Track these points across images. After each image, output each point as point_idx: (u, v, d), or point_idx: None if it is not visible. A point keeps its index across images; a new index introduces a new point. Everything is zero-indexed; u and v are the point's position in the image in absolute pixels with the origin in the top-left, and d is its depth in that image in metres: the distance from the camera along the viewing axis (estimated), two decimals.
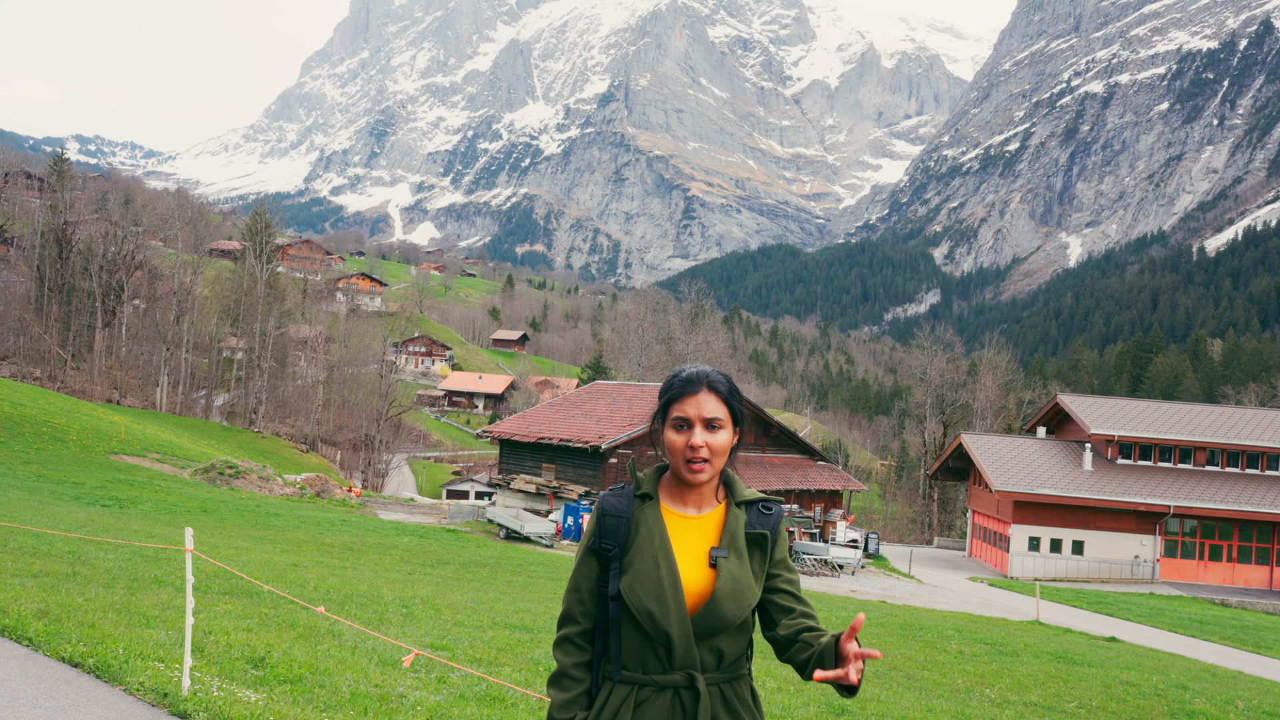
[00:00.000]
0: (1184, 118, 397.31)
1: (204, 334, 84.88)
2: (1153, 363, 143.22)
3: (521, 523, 34.38)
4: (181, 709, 5.79)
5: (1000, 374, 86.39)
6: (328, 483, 44.23)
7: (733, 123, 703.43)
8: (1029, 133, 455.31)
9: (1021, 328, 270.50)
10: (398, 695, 6.91)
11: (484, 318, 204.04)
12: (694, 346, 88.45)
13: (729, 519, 2.88)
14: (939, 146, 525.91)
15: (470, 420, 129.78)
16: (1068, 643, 20.03)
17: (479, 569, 22.74)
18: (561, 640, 2.88)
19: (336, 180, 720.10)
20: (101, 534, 16.82)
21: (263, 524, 26.62)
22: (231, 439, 66.42)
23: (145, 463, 39.00)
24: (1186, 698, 13.32)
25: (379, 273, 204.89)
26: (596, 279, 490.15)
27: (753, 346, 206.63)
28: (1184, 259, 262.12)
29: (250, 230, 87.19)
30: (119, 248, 75.03)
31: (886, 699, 10.42)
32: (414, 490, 78.72)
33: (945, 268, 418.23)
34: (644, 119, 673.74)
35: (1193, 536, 44.08)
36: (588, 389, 49.62)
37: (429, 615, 12.60)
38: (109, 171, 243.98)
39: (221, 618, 9.43)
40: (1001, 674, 13.93)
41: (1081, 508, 43.74)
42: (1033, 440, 50.76)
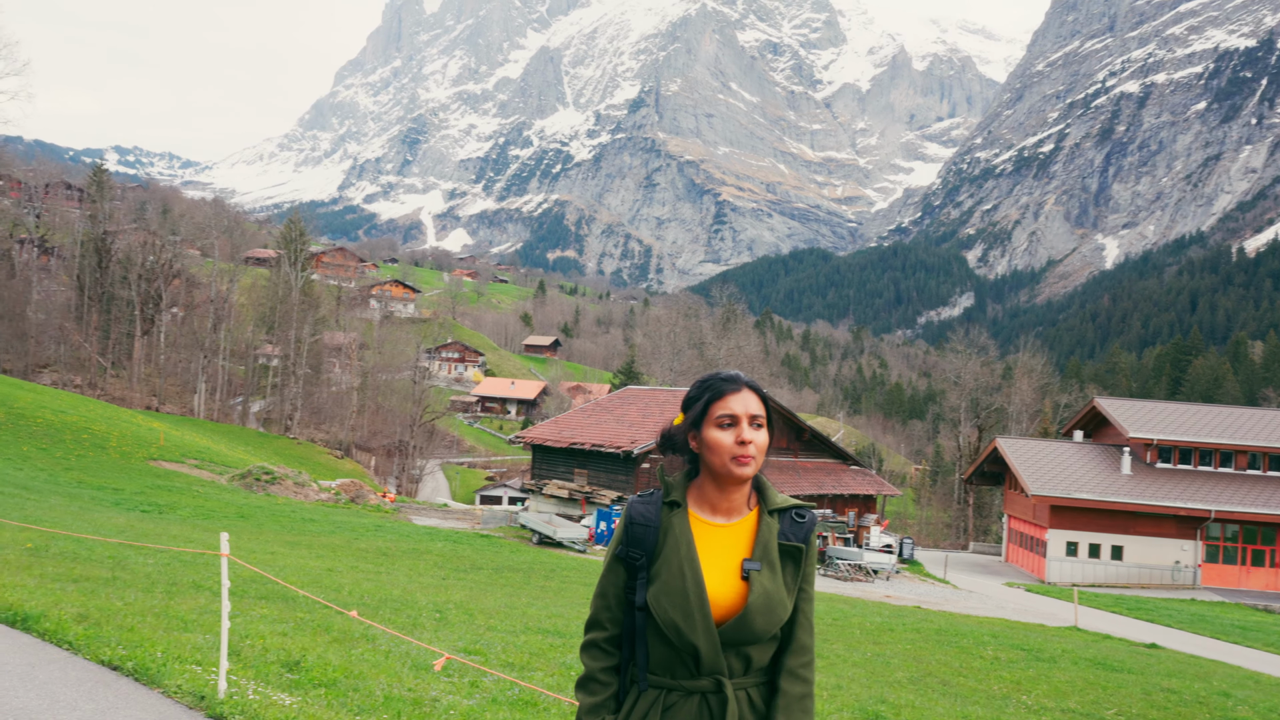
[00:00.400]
0: (1222, 117, 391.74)
1: (240, 341, 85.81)
2: (1192, 365, 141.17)
3: (554, 528, 34.43)
4: (218, 711, 5.85)
5: (1035, 377, 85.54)
6: (362, 488, 44.53)
7: (763, 127, 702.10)
8: (1063, 134, 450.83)
9: (1057, 330, 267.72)
10: (430, 699, 6.94)
11: (516, 324, 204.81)
12: (726, 351, 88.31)
13: (761, 528, 2.84)
14: (972, 149, 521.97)
15: (503, 426, 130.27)
16: (1107, 649, 19.77)
17: (512, 574, 22.79)
18: (589, 645, 2.88)
19: (370, 188, 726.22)
20: (141, 539, 17.03)
21: (298, 529, 26.85)
22: (267, 445, 67.08)
23: (183, 469, 39.47)
24: (1229, 705, 13.10)
25: (412, 279, 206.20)
26: (628, 284, 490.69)
27: (785, 351, 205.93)
28: (1223, 260, 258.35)
29: (285, 238, 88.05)
30: (157, 257, 76.10)
31: (921, 705, 10.33)
32: (448, 496, 79.11)
33: (979, 270, 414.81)
34: (674, 124, 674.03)
35: (1235, 541, 43.38)
36: (620, 394, 49.65)
37: (462, 620, 12.64)
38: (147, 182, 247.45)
39: (257, 622, 9.51)
40: (1039, 680, 13.76)
41: (1120, 512, 43.17)
42: (1069, 444, 50.18)
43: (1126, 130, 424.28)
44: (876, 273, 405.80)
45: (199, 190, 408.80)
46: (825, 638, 16.28)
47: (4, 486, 24.23)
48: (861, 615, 20.92)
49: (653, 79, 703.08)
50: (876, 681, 11.86)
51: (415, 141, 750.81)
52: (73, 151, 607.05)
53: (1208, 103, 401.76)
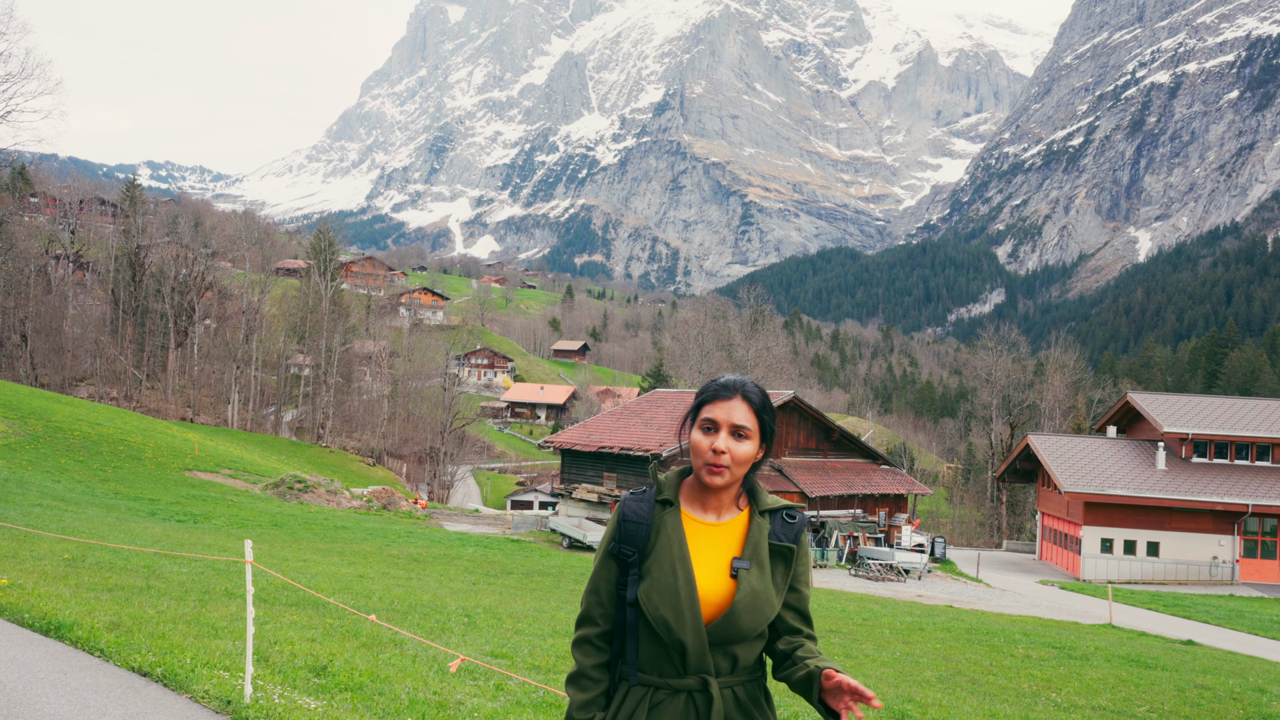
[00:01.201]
0: (1255, 105, 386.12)
1: (272, 351, 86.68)
2: (1228, 358, 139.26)
3: (584, 532, 34.55)
4: (243, 715, 5.97)
5: (1068, 373, 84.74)
6: (394, 495, 44.87)
7: (788, 127, 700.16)
8: (1093, 126, 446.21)
9: (1090, 325, 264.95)
10: (455, 702, 7.03)
11: (544, 329, 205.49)
12: (754, 352, 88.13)
13: (752, 528, 2.88)
14: (1000, 144, 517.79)
15: (533, 431, 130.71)
16: (1141, 646, 19.57)
17: (541, 578, 22.90)
18: (580, 641, 2.91)
19: (398, 197, 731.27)
20: (176, 548, 17.28)
21: (331, 537, 27.11)
22: (300, 454, 67.72)
23: (218, 479, 39.95)
24: (1264, 701, 12.95)
25: (440, 287, 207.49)
26: (655, 287, 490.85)
27: (814, 351, 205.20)
28: (1259, 250, 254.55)
29: (315, 248, 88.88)
30: (190, 269, 77.08)
31: (949, 704, 10.30)
32: (479, 501, 79.47)
33: (1009, 266, 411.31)
34: (699, 126, 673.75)
35: (1273, 536, 42.76)
36: (648, 397, 49.71)
37: (490, 624, 12.74)
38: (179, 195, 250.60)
39: (287, 628, 9.65)
40: (1070, 678, 13.67)
41: (1155, 508, 42.68)
42: (1103, 440, 49.68)
43: (1157, 121, 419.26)
44: (905, 271, 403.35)
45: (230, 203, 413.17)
46: (854, 637, 16.25)
47: (42, 499, 24.65)
48: (892, 615, 20.85)
49: (677, 81, 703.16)
50: (905, 681, 11.83)
51: (442, 150, 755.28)
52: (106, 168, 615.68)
53: (1240, 91, 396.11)
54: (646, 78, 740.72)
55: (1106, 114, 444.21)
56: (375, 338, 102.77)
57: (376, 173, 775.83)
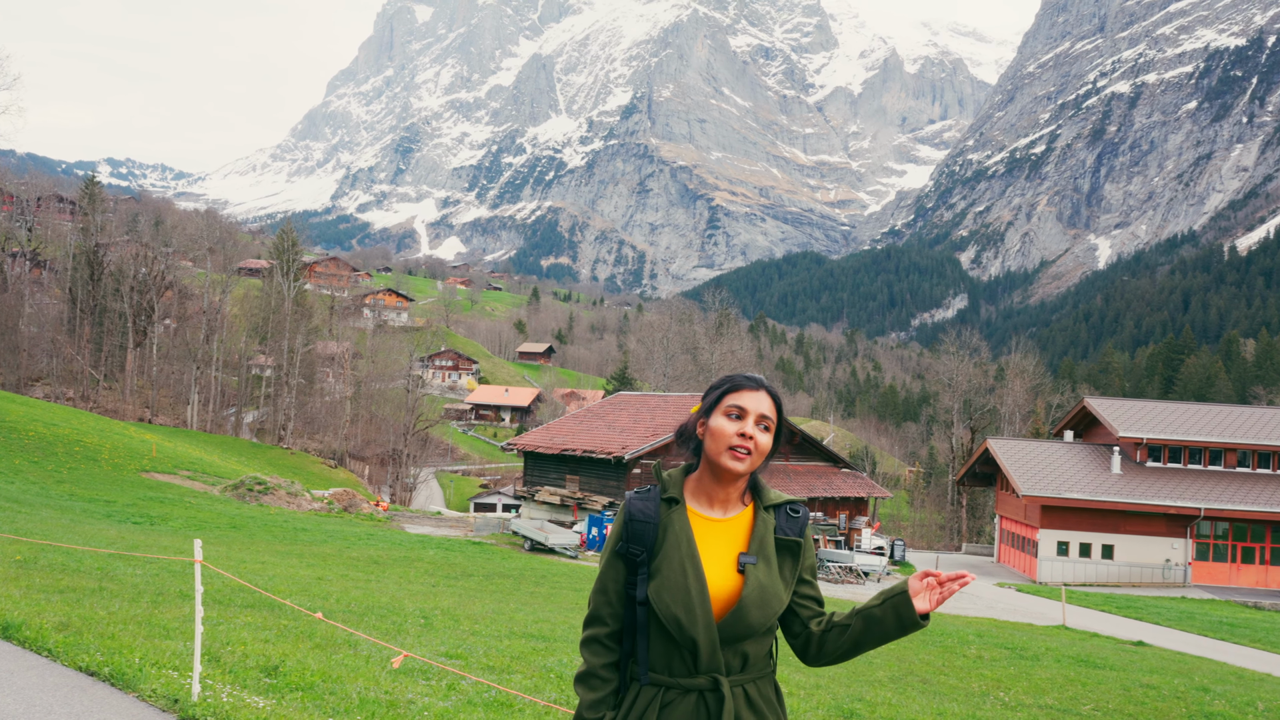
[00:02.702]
0: (1213, 116, 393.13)
1: (233, 352, 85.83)
2: (1185, 364, 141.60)
3: (546, 534, 34.55)
4: (190, 714, 5.99)
5: (1028, 378, 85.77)
6: (355, 497, 44.62)
7: (756, 131, 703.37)
8: (1055, 135, 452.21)
9: (1050, 331, 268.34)
10: (406, 701, 7.08)
11: (510, 331, 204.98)
12: (719, 356, 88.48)
13: (757, 523, 2.91)
14: (964, 151, 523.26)
15: (497, 433, 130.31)
16: (1092, 647, 19.92)
17: (502, 580, 22.91)
18: (589, 640, 2.91)
19: (363, 197, 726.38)
20: (131, 550, 17.14)
21: (290, 539, 26.94)
22: (261, 455, 67.11)
23: (176, 480, 39.54)
24: (1206, 700, 13.25)
25: (405, 288, 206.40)
26: (622, 290, 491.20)
27: (779, 355, 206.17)
28: (1215, 259, 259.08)
29: (278, 248, 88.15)
30: (150, 268, 76.16)
31: (898, 703, 10.47)
32: (441, 504, 79.13)
33: (972, 272, 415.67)
34: (667, 130, 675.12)
35: (1225, 539, 43.59)
36: (611, 400, 49.80)
37: (447, 625, 12.77)
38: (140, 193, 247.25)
39: (241, 629, 9.64)
40: (1019, 678, 13.91)
41: (1110, 511, 43.37)
42: (1060, 444, 50.40)
43: (1118, 130, 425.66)
44: (870, 276, 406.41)
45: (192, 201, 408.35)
46: None
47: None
48: None
49: (645, 85, 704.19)
50: (856, 680, 12.00)
51: (408, 150, 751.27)
52: (65, 165, 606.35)
53: (1198, 102, 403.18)
54: (614, 80, 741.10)
55: (1068, 123, 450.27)
56: (338, 339, 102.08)
57: (342, 173, 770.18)
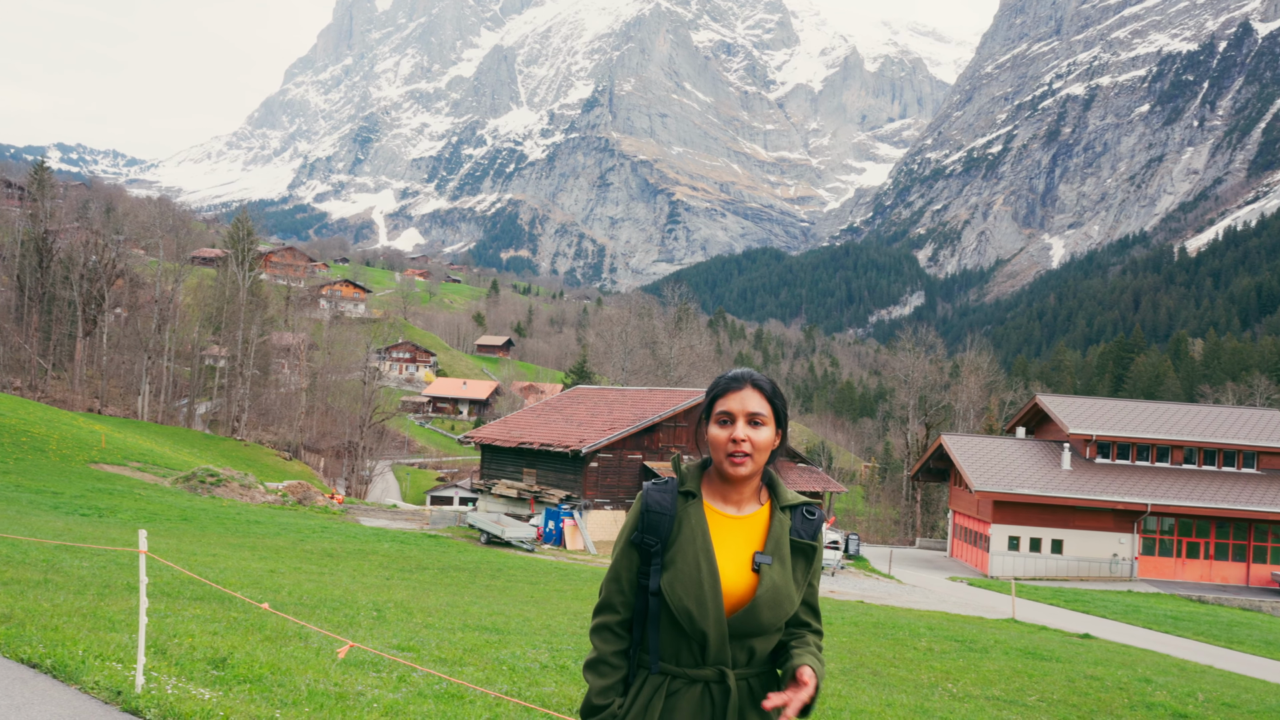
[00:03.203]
0: (1164, 119, 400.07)
1: (186, 342, 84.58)
2: (1134, 363, 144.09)
3: (502, 527, 34.47)
4: (133, 706, 5.93)
5: (982, 375, 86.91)
6: (310, 490, 44.21)
7: (717, 127, 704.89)
8: (1011, 135, 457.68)
9: (1005, 329, 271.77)
10: (355, 693, 7.05)
11: (469, 323, 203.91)
12: (678, 350, 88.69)
13: (774, 523, 2.92)
14: (922, 149, 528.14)
15: (455, 426, 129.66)
16: (1040, 640, 20.26)
17: (457, 573, 22.84)
18: (600, 628, 2.93)
19: (320, 187, 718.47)
20: (78, 542, 16.87)
21: (243, 531, 26.65)
22: (214, 447, 66.26)
23: (126, 472, 38.93)
24: (1148, 691, 13.54)
25: (363, 279, 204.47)
26: (581, 284, 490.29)
27: (737, 350, 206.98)
28: (1165, 259, 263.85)
29: (233, 237, 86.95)
30: (100, 256, 74.79)
31: (847, 694, 10.60)
32: (398, 497, 78.64)
33: (929, 270, 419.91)
34: (628, 124, 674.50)
35: (1170, 534, 44.47)
36: (569, 394, 49.77)
37: (400, 618, 12.72)
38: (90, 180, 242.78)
39: (189, 622, 9.53)
40: (968, 670, 14.12)
41: (1060, 507, 44.07)
42: (1012, 440, 51.12)
43: (1072, 132, 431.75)
44: (829, 272, 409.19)
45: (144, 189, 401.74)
46: None
47: None
48: None
49: (607, 78, 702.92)
50: None
51: (367, 140, 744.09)
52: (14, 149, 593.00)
53: (1151, 105, 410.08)
54: (576, 74, 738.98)
55: (1024, 123, 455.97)
56: (294, 330, 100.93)
57: (299, 162, 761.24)
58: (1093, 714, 11.64)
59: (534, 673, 9.23)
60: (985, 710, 11.02)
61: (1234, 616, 33.51)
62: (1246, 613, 36.77)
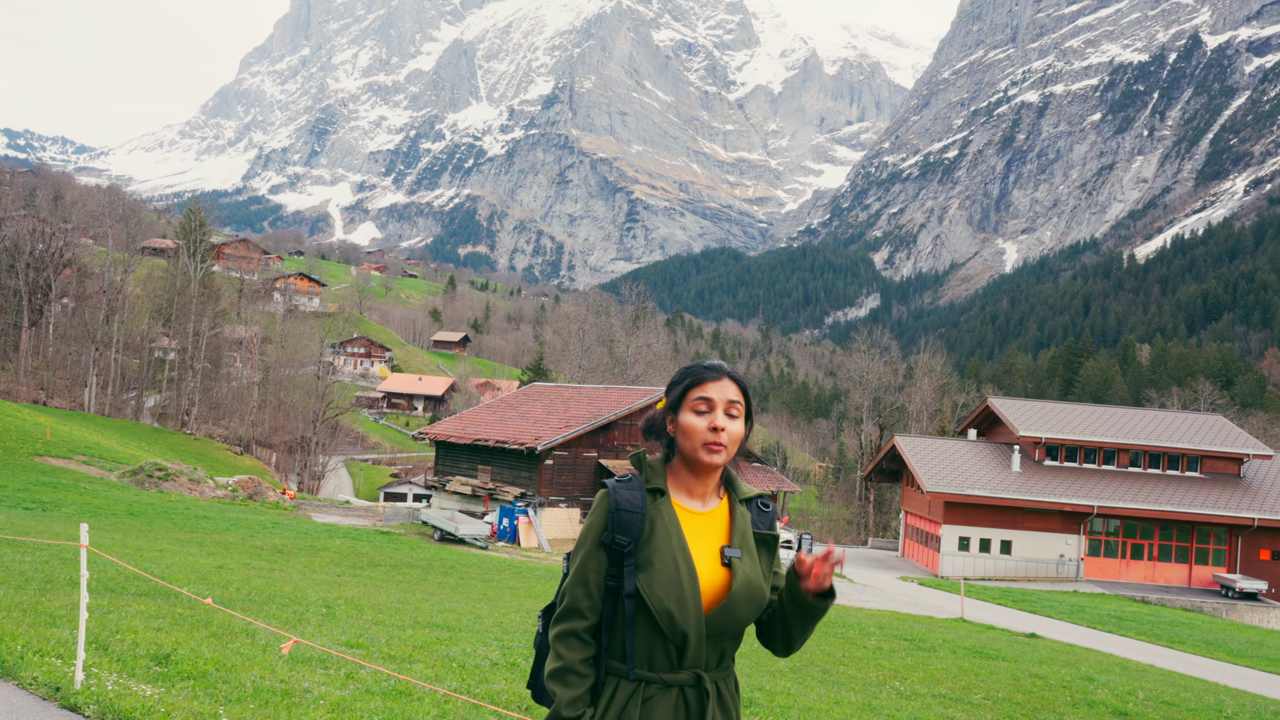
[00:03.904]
0: (1115, 128, 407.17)
1: (135, 334, 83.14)
2: (1084, 367, 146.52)
3: (456, 524, 34.28)
4: (71, 702, 5.83)
5: (936, 377, 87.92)
6: (261, 485, 43.67)
7: (677, 126, 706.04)
8: (967, 140, 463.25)
9: (959, 332, 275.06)
10: (302, 690, 6.98)
11: (425, 319, 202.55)
12: (635, 349, 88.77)
13: (736, 517, 2.88)
14: (880, 153, 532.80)
15: (409, 422, 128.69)
16: (988, 639, 20.55)
17: (410, 570, 22.69)
18: (565, 635, 2.79)
19: (276, 179, 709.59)
20: (21, 536, 16.54)
21: (191, 527, 26.28)
22: (163, 441, 65.20)
23: (71, 465, 38.20)
24: (1090, 689, 13.79)
25: (318, 273, 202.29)
26: (540, 281, 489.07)
27: (695, 349, 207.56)
28: (1115, 266, 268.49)
29: (184, 228, 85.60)
30: (47, 245, 73.30)
31: (796, 692, 10.67)
32: (351, 493, 77.92)
33: (885, 272, 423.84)
34: (588, 121, 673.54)
35: (1115, 536, 45.29)
36: (525, 391, 49.63)
37: (350, 615, 12.61)
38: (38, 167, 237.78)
39: (132, 618, 9.39)
40: (916, 668, 14.29)
41: (1009, 508, 44.71)
42: (963, 442, 51.76)
43: (1026, 139, 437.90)
44: (786, 273, 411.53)
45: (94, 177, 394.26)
46: None
47: None
48: None
49: (567, 75, 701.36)
50: (758, 671, 12.19)
51: (323, 132, 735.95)
52: None
53: (1103, 114, 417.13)
54: (536, 70, 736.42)
55: (980, 129, 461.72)
56: (247, 323, 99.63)
57: (254, 153, 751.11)
58: (1036, 712, 11.83)
59: (484, 670, 9.20)
60: (931, 708, 11.16)
61: (1176, 617, 34.22)
62: (1188, 613, 37.58)
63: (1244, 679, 19.31)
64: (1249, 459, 47.47)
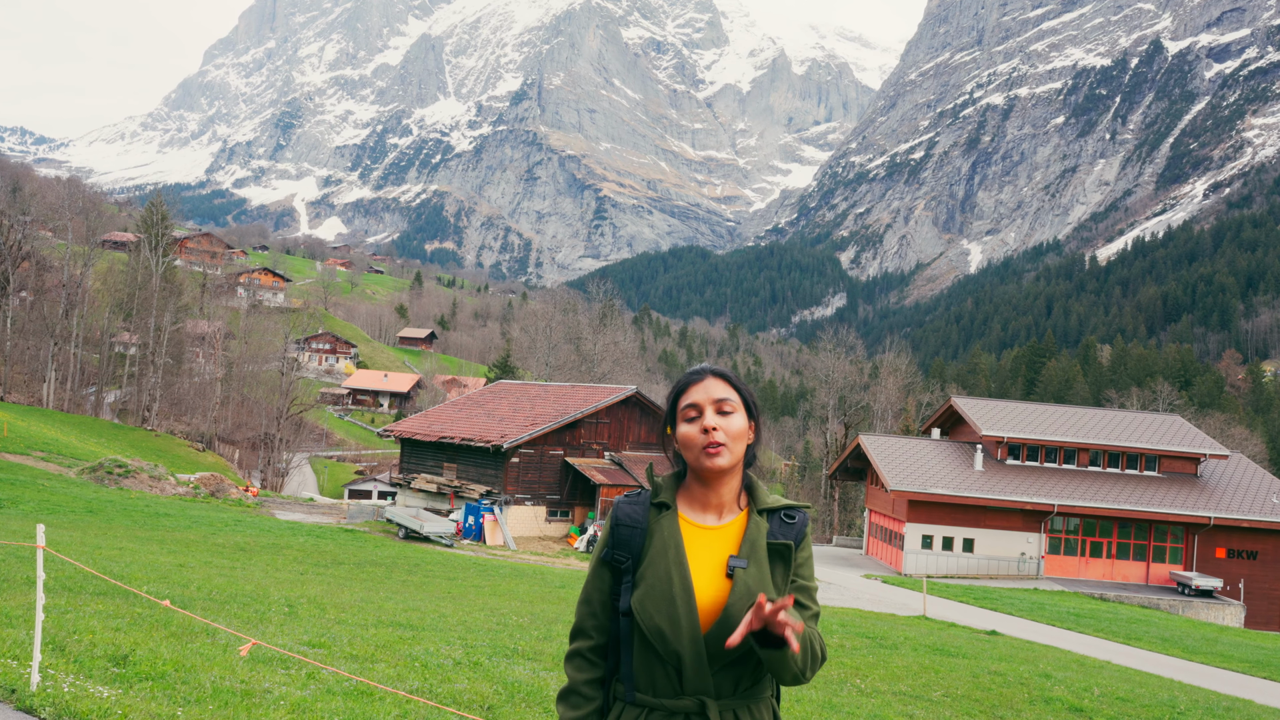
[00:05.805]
0: (1078, 131, 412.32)
1: (95, 328, 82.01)
2: (1046, 367, 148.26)
3: (421, 522, 34.15)
4: (27, 704, 5.78)
5: (900, 376, 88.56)
6: (223, 482, 43.26)
7: (645, 124, 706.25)
8: (933, 142, 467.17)
9: (924, 332, 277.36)
10: (262, 690, 6.95)
11: (391, 315, 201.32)
12: (602, 346, 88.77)
13: (750, 527, 2.74)
14: (847, 153, 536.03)
15: (375, 419, 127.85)
16: (949, 636, 20.77)
17: (374, 569, 22.59)
18: (572, 655, 2.75)
19: (240, 172, 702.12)
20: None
21: (151, 524, 26.00)
22: (123, 437, 64.39)
23: (29, 461, 37.65)
24: (1048, 685, 13.99)
25: (283, 268, 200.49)
26: (507, 278, 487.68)
27: (662, 347, 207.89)
28: (1077, 267, 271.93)
29: (146, 221, 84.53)
30: (5, 237, 72.09)
31: None
32: (315, 490, 77.32)
33: (851, 272, 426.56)
34: (557, 118, 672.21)
35: (1075, 534, 45.89)
36: (491, 388, 49.49)
37: (313, 614, 12.55)
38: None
39: (90, 618, 9.29)
40: (877, 666, 14.43)
41: (972, 507, 45.17)
42: (927, 441, 52.21)
43: (991, 141, 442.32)
44: (753, 272, 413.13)
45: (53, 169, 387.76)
46: None
47: None
48: None
49: (535, 72, 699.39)
50: None
51: (289, 126, 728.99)
52: None
53: (1066, 117, 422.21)
54: (505, 66, 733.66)
55: (946, 131, 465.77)
56: (210, 318, 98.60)
57: (218, 146, 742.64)
58: (994, 708, 11.99)
59: (446, 670, 9.19)
60: (891, 705, 11.28)
61: (1133, 614, 34.75)
62: (1145, 610, 38.17)
63: (1198, 675, 19.66)
64: (1205, 459, 48.27)
